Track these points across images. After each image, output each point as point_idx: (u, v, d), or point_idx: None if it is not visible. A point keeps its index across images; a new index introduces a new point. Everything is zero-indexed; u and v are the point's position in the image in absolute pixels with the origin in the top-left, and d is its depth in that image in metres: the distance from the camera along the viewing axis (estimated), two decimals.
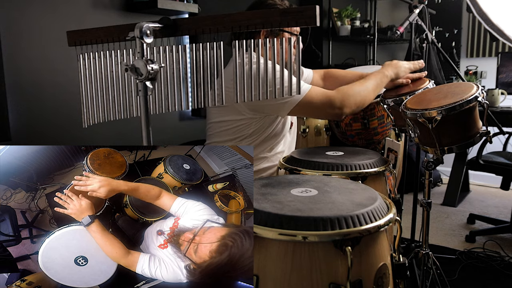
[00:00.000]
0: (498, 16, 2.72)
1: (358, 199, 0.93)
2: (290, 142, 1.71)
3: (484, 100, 1.32)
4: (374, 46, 3.57)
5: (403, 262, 0.94)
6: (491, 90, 3.04)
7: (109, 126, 2.09)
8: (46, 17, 1.94)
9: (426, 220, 1.52)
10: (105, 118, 1.12)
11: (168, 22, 0.97)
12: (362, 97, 1.50)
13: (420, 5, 2.15)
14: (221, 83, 1.00)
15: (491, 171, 2.71)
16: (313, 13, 0.86)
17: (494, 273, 2.25)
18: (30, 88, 1.92)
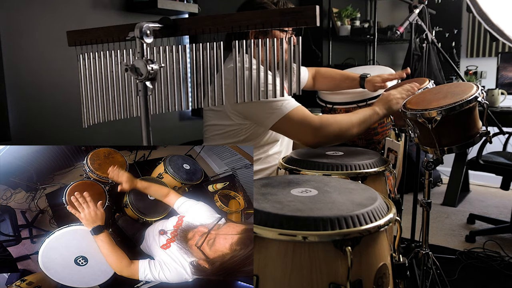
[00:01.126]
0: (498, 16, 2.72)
1: (358, 199, 0.93)
2: (287, 142, 1.71)
3: (484, 100, 1.32)
4: (374, 46, 3.58)
5: (403, 262, 0.94)
6: (491, 90, 3.04)
7: (109, 126, 2.09)
8: (46, 17, 1.94)
9: (426, 220, 1.52)
10: (105, 118, 1.12)
11: (168, 22, 0.97)
12: (343, 130, 1.43)
13: (420, 5, 2.15)
14: (220, 83, 1.00)
15: (491, 171, 2.71)
16: (313, 13, 0.86)
17: (494, 273, 2.25)
18: (30, 88, 1.92)
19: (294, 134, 1.48)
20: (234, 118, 1.50)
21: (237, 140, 1.55)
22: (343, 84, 1.86)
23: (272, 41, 0.93)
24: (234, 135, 1.54)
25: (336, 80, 1.88)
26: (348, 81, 1.84)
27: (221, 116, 1.53)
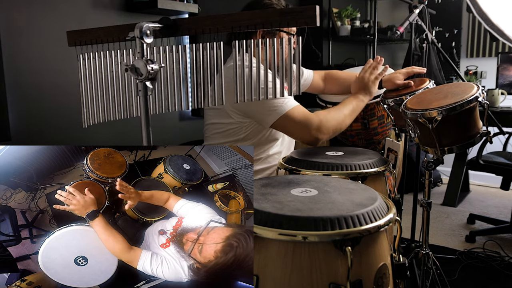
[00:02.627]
0: (498, 16, 2.72)
1: (358, 199, 0.93)
2: (288, 142, 1.71)
3: (484, 100, 1.32)
4: (374, 46, 3.57)
5: (403, 262, 0.94)
6: (491, 90, 3.04)
7: (109, 126, 2.08)
8: (46, 17, 1.94)
9: (426, 220, 1.52)
10: (105, 118, 1.12)
11: (168, 22, 0.97)
12: (339, 123, 1.50)
13: (420, 5, 2.15)
14: (220, 82, 1.00)
15: (491, 171, 2.71)
16: (313, 13, 0.86)
17: (494, 273, 2.25)
18: (30, 88, 1.92)
19: (295, 132, 1.50)
20: (234, 116, 1.51)
21: (237, 139, 1.55)
22: None
23: (272, 41, 0.93)
24: (234, 133, 1.54)
25: (350, 82, 1.77)
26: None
27: (221, 115, 1.53)
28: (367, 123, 1.77)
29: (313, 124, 1.44)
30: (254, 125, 1.52)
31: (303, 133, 1.46)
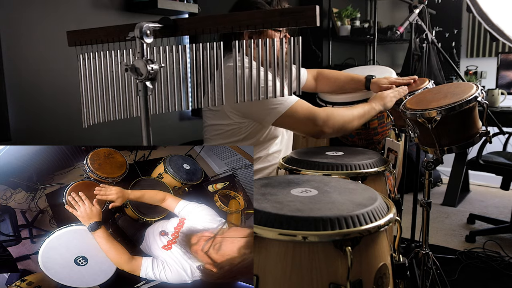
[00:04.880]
0: (498, 16, 2.72)
1: (358, 199, 0.93)
2: (287, 140, 1.71)
3: (483, 100, 1.32)
4: (374, 46, 3.57)
5: (403, 262, 0.94)
6: (491, 90, 3.04)
7: (109, 126, 2.08)
8: (46, 17, 1.94)
9: (426, 220, 1.53)
10: (105, 118, 1.12)
11: (168, 22, 0.97)
12: (346, 122, 1.49)
13: (420, 5, 2.15)
14: (220, 83, 1.00)
15: (491, 171, 2.72)
16: (313, 13, 0.86)
17: (494, 273, 2.25)
18: (30, 88, 1.92)
19: (299, 126, 1.50)
20: (233, 117, 1.51)
21: (237, 139, 1.55)
22: (348, 85, 1.83)
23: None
24: (234, 134, 1.54)
25: (341, 81, 1.85)
26: (353, 82, 1.81)
27: (220, 116, 1.53)
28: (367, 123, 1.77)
29: (319, 117, 1.45)
30: (254, 125, 1.52)
31: (308, 126, 1.47)
